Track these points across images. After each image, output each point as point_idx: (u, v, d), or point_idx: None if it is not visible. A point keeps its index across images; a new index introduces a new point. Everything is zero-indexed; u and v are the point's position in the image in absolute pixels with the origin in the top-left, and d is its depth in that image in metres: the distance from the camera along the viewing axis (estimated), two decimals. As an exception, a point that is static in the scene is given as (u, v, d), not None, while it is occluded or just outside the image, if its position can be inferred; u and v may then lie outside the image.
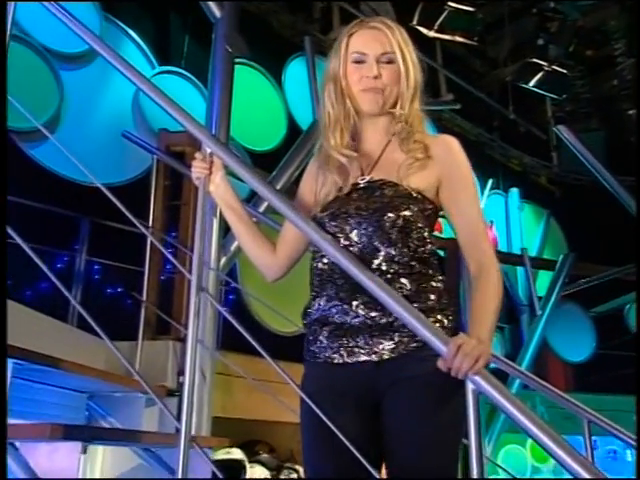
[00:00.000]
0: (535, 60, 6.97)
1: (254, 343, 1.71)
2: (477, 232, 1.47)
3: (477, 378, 1.32)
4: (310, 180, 1.59)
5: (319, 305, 1.47)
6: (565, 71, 6.84)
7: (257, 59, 5.63)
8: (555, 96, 7.36)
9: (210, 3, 3.84)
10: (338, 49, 1.53)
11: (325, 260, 1.47)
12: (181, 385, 1.62)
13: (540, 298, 5.98)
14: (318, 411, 1.40)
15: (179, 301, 3.50)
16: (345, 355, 1.43)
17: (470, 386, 1.33)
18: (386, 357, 1.40)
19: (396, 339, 1.40)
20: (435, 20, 6.29)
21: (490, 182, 7.73)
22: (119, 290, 4.27)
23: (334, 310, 1.44)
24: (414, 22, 6.35)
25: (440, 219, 1.57)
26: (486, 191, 7.68)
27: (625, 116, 7.50)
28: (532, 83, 7.12)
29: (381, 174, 1.49)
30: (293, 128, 5.72)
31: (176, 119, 1.75)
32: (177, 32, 5.30)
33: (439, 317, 1.42)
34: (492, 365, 1.75)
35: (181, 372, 3.22)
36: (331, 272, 1.46)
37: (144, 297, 3.45)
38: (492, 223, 7.06)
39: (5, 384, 1.69)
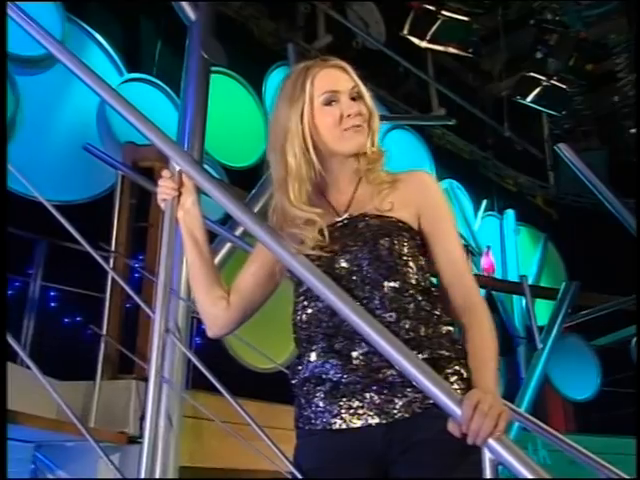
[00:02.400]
0: (533, 74, 6.92)
1: (214, 381, 1.68)
2: (461, 270, 1.43)
3: (497, 446, 1.18)
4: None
5: (309, 361, 1.36)
6: (564, 86, 6.81)
7: (235, 68, 5.54)
8: (554, 112, 7.33)
9: (184, 4, 3.72)
10: (296, 94, 1.45)
11: (309, 310, 1.39)
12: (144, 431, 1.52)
13: (540, 329, 5.87)
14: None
15: (144, 334, 3.35)
16: (348, 419, 1.31)
17: (488, 455, 1.20)
18: (398, 417, 1.28)
19: (409, 395, 1.29)
20: (427, 30, 6.23)
21: (484, 203, 7.66)
22: (78, 320, 4.07)
23: (328, 365, 1.33)
24: (405, 32, 6.28)
25: None
26: (480, 212, 7.60)
27: (627, 135, 7.48)
28: (529, 98, 7.09)
29: (358, 210, 1.44)
30: None
31: (139, 130, 1.66)
32: (148, 36, 5.19)
33: (457, 368, 1.33)
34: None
35: (145, 415, 3.06)
36: (318, 322, 1.37)
37: (104, 330, 3.31)
38: (489, 249, 6.95)
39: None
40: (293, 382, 1.41)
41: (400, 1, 6.48)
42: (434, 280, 1.47)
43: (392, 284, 1.35)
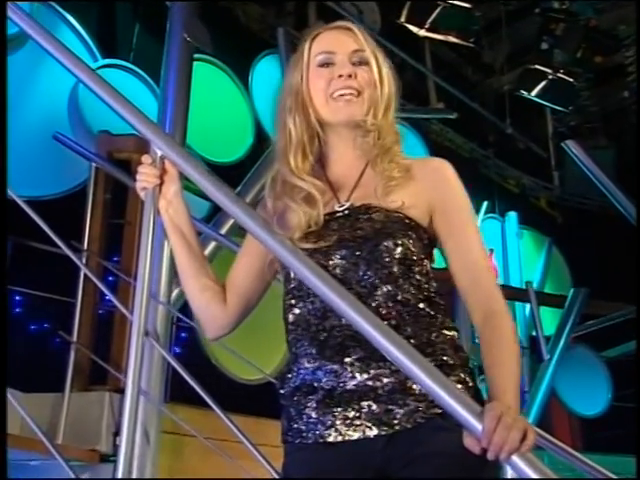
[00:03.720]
0: (537, 67, 6.91)
1: (202, 393, 1.69)
2: (481, 272, 1.37)
3: (522, 464, 1.13)
4: (268, 217, 1.44)
5: (300, 367, 1.33)
6: (572, 80, 6.80)
7: (220, 56, 5.48)
8: (560, 108, 7.32)
9: (164, -19, 3.67)
10: (299, 57, 1.46)
11: (297, 311, 1.35)
12: (118, 448, 1.49)
13: (547, 339, 5.84)
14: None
15: (119, 342, 3.33)
16: (343, 430, 1.27)
17: (510, 473, 1.19)
18: (399, 428, 1.24)
19: (411, 404, 1.25)
20: (426, 17, 6.19)
21: (485, 205, 7.63)
22: (45, 327, 4.01)
23: (320, 373, 1.30)
24: (402, 19, 6.25)
25: None
26: (480, 215, 7.57)
27: (636, 132, 7.46)
28: (534, 93, 7.07)
29: (362, 200, 1.39)
30: (261, 137, 5.60)
31: (114, 109, 1.61)
32: (125, 18, 5.14)
33: (462, 375, 1.30)
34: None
35: (119, 431, 3.00)
36: (307, 324, 1.33)
37: (74, 337, 3.26)
38: (492, 252, 6.92)
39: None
40: (282, 392, 1.36)
41: (397, -14, 6.44)
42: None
43: (391, 290, 1.31)
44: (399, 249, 1.33)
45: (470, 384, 1.30)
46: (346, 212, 1.38)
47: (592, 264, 7.57)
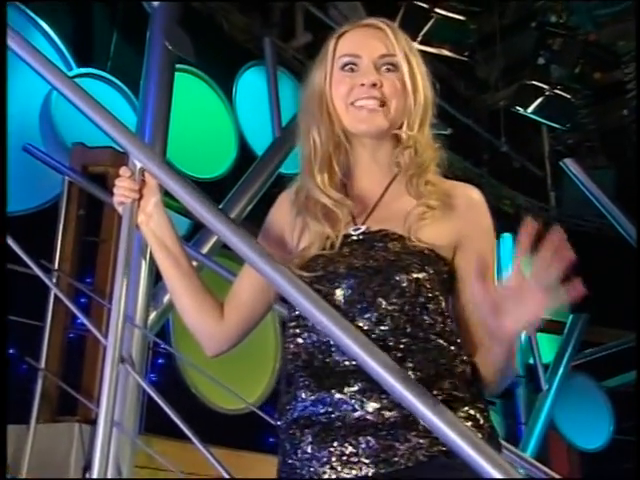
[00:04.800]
0: (534, 82, 6.92)
1: (179, 423, 1.69)
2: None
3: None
4: (283, 222, 1.44)
5: (299, 399, 1.30)
6: (569, 96, 6.82)
7: (203, 66, 5.50)
8: (558, 125, 7.34)
9: (146, -14, 3.70)
10: (323, 56, 1.42)
11: (299, 340, 1.32)
12: (88, 484, 1.46)
13: (545, 368, 5.80)
14: None
15: (91, 369, 3.29)
16: (339, 468, 1.24)
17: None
18: (399, 467, 1.21)
19: (412, 440, 1.22)
20: (419, 30, 6.19)
21: (479, 226, 7.63)
22: (11, 352, 3.93)
23: (320, 405, 1.27)
24: (394, 31, 6.22)
25: None
26: (474, 236, 7.55)
27: (636, 152, 7.50)
28: (530, 110, 7.08)
29: (381, 224, 1.35)
30: (245, 152, 5.63)
31: (90, 117, 1.63)
32: (102, 25, 5.11)
33: (472, 412, 1.27)
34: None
35: (89, 466, 3.01)
36: (309, 356, 1.31)
37: (42, 364, 3.20)
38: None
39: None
40: (279, 424, 1.35)
41: (388, -3, 6.44)
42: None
43: (399, 326, 1.29)
44: (412, 285, 1.29)
45: (481, 421, 1.27)
46: (360, 237, 1.34)
47: (590, 288, 7.57)
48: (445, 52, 6.54)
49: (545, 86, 6.94)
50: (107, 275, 3.39)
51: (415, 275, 1.29)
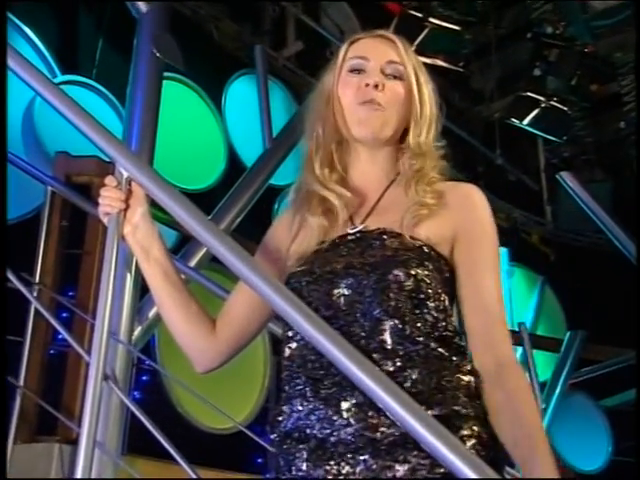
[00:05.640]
0: (530, 94, 6.96)
1: (164, 443, 1.68)
2: (495, 316, 1.33)
3: None
4: (281, 232, 1.47)
5: (292, 410, 1.29)
6: (566, 108, 6.86)
7: (191, 75, 5.50)
8: (554, 138, 7.38)
9: (132, -7, 3.71)
10: (332, 62, 1.49)
11: (293, 344, 1.33)
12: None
13: (542, 386, 5.78)
14: None
15: (72, 386, 3.26)
16: None
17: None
18: None
19: (412, 461, 1.20)
20: (413, 40, 6.20)
21: (473, 240, 7.63)
22: None
23: (314, 418, 1.26)
24: (387, 41, 6.24)
25: None
26: (469, 250, 7.55)
27: (634, 165, 7.53)
28: (525, 122, 7.11)
29: (379, 222, 1.37)
30: (234, 163, 5.64)
31: (74, 124, 1.60)
32: (88, 32, 5.11)
33: (475, 428, 1.24)
34: None
35: None
36: (302, 361, 1.30)
37: (21, 381, 3.14)
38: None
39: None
40: (272, 437, 1.33)
41: (381, 6, 6.47)
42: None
43: (398, 324, 1.27)
44: (410, 280, 1.28)
45: (485, 438, 1.24)
46: (358, 235, 1.36)
47: (587, 305, 7.57)
48: (439, 62, 6.59)
49: (541, 98, 7.02)
50: (90, 289, 3.38)
51: (414, 270, 1.29)
